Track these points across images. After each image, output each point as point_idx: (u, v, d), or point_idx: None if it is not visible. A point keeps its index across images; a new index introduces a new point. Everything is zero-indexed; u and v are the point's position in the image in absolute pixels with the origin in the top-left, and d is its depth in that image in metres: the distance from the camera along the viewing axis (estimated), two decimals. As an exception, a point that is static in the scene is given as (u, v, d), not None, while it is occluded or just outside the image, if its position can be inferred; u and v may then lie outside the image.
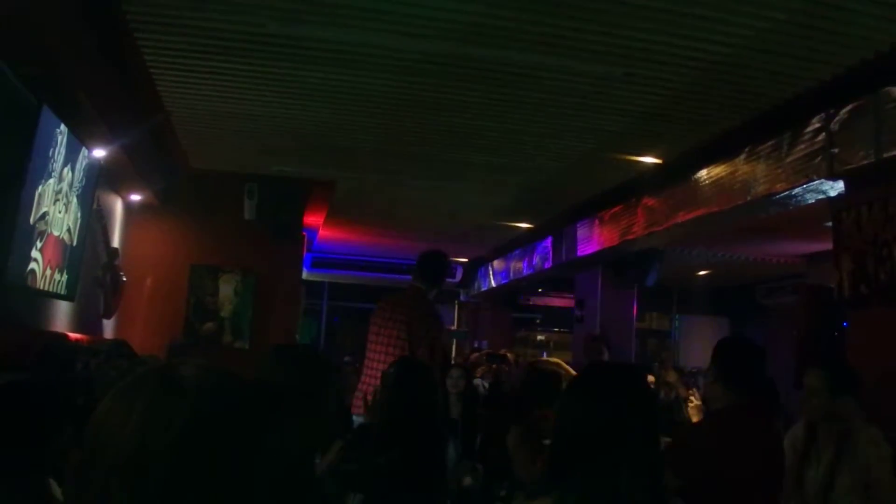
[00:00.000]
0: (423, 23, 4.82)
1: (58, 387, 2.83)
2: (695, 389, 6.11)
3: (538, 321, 18.04)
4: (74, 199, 6.14)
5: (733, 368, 3.65)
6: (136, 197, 8.77)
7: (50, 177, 5.46)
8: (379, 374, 5.04)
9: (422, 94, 6.05)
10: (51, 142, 5.38)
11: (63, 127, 5.52)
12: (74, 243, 6.34)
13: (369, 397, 4.94)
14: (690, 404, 5.82)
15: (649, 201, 8.19)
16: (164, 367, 1.22)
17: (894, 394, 4.70)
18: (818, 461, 4.03)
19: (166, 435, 1.10)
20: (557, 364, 7.90)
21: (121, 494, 1.08)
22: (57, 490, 2.48)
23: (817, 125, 5.52)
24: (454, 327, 16.76)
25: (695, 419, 5.53)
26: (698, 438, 3.65)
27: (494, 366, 9.87)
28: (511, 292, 15.54)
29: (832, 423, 4.10)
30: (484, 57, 5.27)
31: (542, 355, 16.83)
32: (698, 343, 15.63)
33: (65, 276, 6.22)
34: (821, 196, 5.86)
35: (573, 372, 7.07)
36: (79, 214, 6.33)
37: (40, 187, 5.30)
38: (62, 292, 6.28)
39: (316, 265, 15.28)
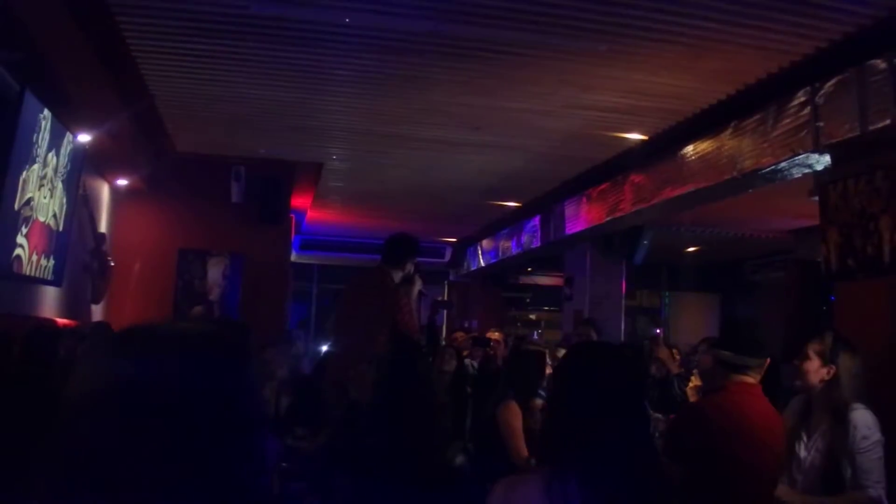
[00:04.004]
0: (404, 1, 4.81)
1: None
2: (695, 370, 6.13)
3: (528, 300, 18.05)
4: (60, 185, 6.11)
5: (726, 348, 3.65)
6: (122, 181, 8.73)
7: (34, 162, 5.43)
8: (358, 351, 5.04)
9: (406, 72, 6.02)
10: (34, 127, 5.35)
11: (46, 112, 5.49)
12: (61, 228, 6.32)
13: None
14: (690, 384, 5.85)
15: (636, 178, 8.19)
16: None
17: (880, 366, 4.72)
18: (807, 437, 4.01)
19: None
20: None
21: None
22: None
23: (803, 99, 5.52)
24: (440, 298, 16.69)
25: (693, 399, 5.56)
26: (694, 423, 3.65)
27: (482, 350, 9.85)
28: (500, 272, 15.54)
29: (826, 397, 4.06)
30: (466, 34, 5.25)
31: (533, 335, 16.87)
32: (689, 320, 15.73)
33: (51, 262, 6.20)
34: (807, 170, 5.86)
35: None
36: (64, 200, 6.30)
37: (24, 173, 5.27)
38: (49, 278, 6.27)
39: (305, 247, 15.23)
